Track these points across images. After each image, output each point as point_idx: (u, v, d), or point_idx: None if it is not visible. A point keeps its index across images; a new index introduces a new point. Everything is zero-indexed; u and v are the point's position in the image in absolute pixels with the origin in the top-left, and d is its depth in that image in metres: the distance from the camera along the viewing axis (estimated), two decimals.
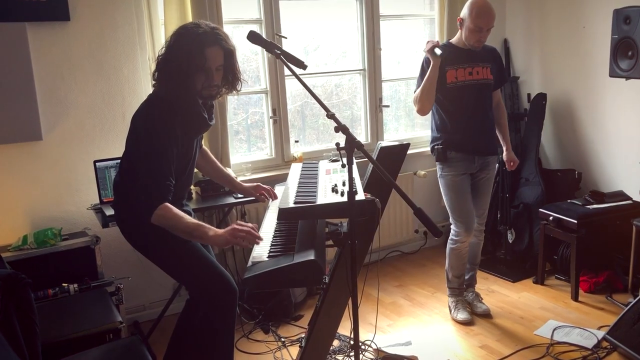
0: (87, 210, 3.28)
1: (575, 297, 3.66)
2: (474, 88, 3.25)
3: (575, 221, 3.57)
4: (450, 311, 3.52)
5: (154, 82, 2.33)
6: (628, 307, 2.92)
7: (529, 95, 4.58)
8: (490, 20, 3.15)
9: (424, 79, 3.21)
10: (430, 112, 3.34)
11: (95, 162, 3.19)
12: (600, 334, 3.11)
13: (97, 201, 3.24)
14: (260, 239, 2.19)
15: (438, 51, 3.12)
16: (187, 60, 2.21)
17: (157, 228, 2.24)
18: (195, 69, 2.23)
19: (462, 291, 3.56)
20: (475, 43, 3.20)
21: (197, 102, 2.35)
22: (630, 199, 3.80)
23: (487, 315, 3.48)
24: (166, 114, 2.25)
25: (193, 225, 2.23)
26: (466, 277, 3.58)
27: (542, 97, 4.36)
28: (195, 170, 2.67)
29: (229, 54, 2.32)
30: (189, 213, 2.52)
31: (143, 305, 3.62)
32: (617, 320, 2.91)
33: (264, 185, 2.81)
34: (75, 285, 2.92)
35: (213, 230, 2.23)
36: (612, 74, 3.63)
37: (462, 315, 3.44)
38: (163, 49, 2.30)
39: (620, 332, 2.87)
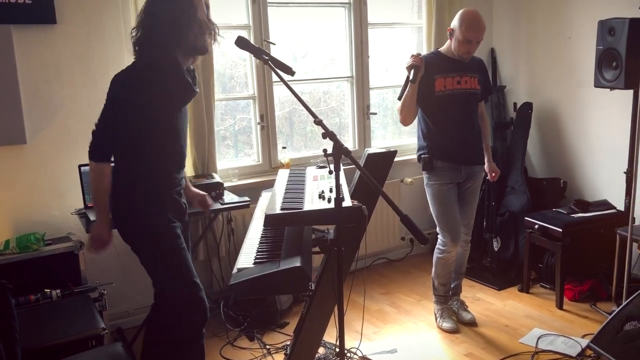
0: (72, 215, 3.25)
1: (560, 306, 3.68)
2: (461, 97, 3.25)
3: (560, 230, 3.60)
4: (436, 319, 3.52)
5: (135, 52, 2.36)
6: (612, 315, 2.94)
7: (515, 104, 4.62)
8: (480, 34, 3.16)
9: (405, 94, 3.22)
10: (417, 120, 3.35)
11: (80, 166, 3.16)
12: (584, 342, 3.13)
13: (82, 206, 3.20)
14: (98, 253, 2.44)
15: (412, 76, 3.13)
16: (180, 14, 2.26)
17: (160, 221, 2.35)
18: (188, 22, 2.28)
19: (447, 299, 3.55)
20: (464, 54, 3.21)
21: (182, 67, 2.36)
22: (615, 208, 3.84)
23: (472, 324, 3.49)
24: (148, 81, 2.27)
25: (101, 200, 2.35)
26: (452, 286, 3.57)
27: (528, 106, 4.40)
28: None
29: (207, 5, 2.43)
30: (183, 205, 2.54)
31: (127, 311, 3.58)
32: (601, 328, 2.92)
33: (209, 201, 2.85)
34: (58, 291, 2.89)
35: (102, 222, 2.37)
36: (597, 85, 3.68)
37: (447, 324, 3.43)
38: (141, 19, 2.32)
39: (603, 341, 2.88)
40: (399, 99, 3.30)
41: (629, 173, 3.67)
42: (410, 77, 3.14)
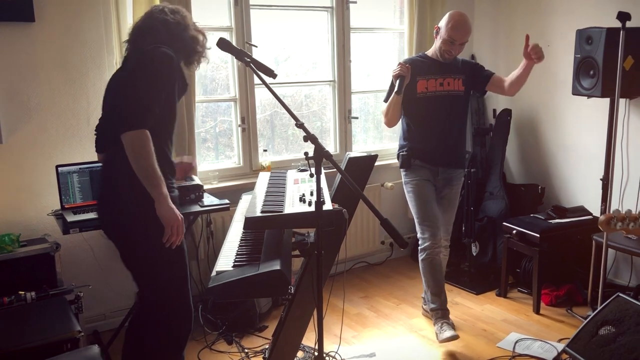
0: (48, 216, 3.19)
1: (536, 310, 3.72)
2: (443, 99, 3.27)
3: (538, 235, 3.64)
4: (437, 335, 3.28)
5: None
6: (587, 320, 2.98)
7: (494, 110, 4.67)
8: (465, 35, 3.19)
9: (390, 99, 3.25)
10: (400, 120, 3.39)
11: (57, 167, 3.11)
12: (560, 346, 3.17)
13: (59, 207, 3.15)
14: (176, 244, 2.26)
15: (397, 87, 3.13)
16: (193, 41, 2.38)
17: (158, 222, 2.20)
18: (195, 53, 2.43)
19: (446, 313, 3.33)
20: (445, 53, 3.23)
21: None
22: (591, 214, 3.90)
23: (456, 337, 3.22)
24: (174, 64, 2.29)
25: (156, 173, 2.16)
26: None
27: (507, 113, 4.45)
28: None
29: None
30: (174, 190, 2.43)
31: (104, 314, 3.54)
32: (577, 333, 2.96)
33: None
34: (33, 293, 2.84)
35: (167, 196, 2.19)
36: (575, 92, 3.74)
37: (448, 333, 3.19)
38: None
39: (579, 345, 2.92)
40: (385, 101, 3.34)
41: (605, 180, 3.73)
42: (396, 88, 3.14)
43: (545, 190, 4.32)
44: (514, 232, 3.78)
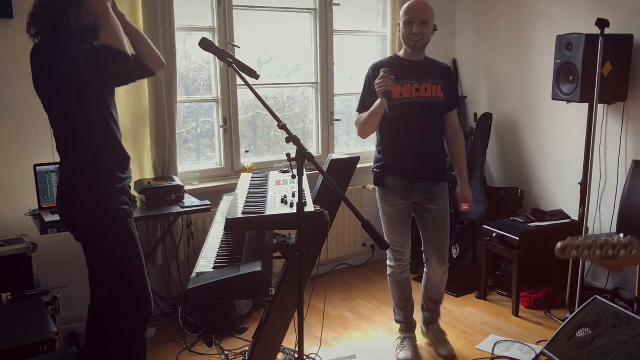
0: (25, 216, 3.14)
1: (516, 313, 3.75)
2: (420, 107, 2.92)
3: (517, 238, 3.67)
4: (395, 349, 3.25)
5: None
6: (565, 322, 3.01)
7: (475, 114, 4.71)
8: (420, 11, 2.85)
9: (369, 113, 2.91)
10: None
11: (35, 166, 3.07)
12: (539, 348, 3.20)
13: (37, 207, 3.11)
14: None
15: (387, 108, 2.79)
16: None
17: (117, 220, 2.30)
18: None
19: (409, 327, 3.28)
20: (410, 39, 2.87)
21: None
22: (569, 218, 3.94)
23: (451, 357, 3.19)
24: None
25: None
26: (426, 315, 3.32)
27: (488, 117, 4.49)
28: (140, 178, 2.64)
29: None
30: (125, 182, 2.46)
31: (82, 315, 3.48)
32: (555, 335, 2.99)
33: None
34: (9, 294, 2.79)
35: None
36: (555, 97, 3.78)
37: (403, 354, 3.16)
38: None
39: (557, 347, 2.95)
40: (358, 111, 3.04)
41: (583, 184, 3.78)
42: (387, 109, 2.78)
43: (525, 194, 4.37)
44: (494, 235, 3.81)
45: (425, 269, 3.22)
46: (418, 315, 3.37)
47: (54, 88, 2.28)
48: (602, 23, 3.27)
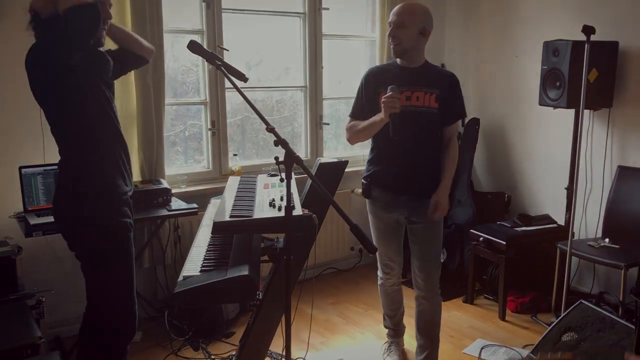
0: (10, 219, 3.11)
1: (502, 317, 3.77)
2: (410, 116, 2.70)
3: (504, 242, 3.69)
4: (382, 353, 3.27)
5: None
6: (551, 326, 3.03)
7: (463, 119, 4.73)
8: (396, 15, 2.71)
9: (366, 124, 2.77)
10: None
11: (20, 168, 3.04)
12: (525, 352, 3.21)
13: (22, 209, 3.07)
14: None
15: (392, 131, 2.63)
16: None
17: (118, 234, 2.25)
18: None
19: (398, 333, 3.27)
20: (392, 43, 2.75)
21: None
22: (556, 222, 3.97)
23: None
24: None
25: None
26: (417, 344, 3.08)
27: (475, 122, 4.51)
28: None
29: None
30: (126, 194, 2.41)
31: (67, 319, 3.45)
32: (541, 339, 3.01)
33: None
34: None
35: None
36: (542, 103, 3.81)
37: (390, 359, 3.19)
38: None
39: (543, 351, 2.97)
40: (351, 115, 2.90)
41: (569, 189, 3.81)
42: (391, 132, 2.63)
43: (512, 199, 4.40)
44: (481, 239, 3.83)
45: (415, 294, 3.00)
46: (407, 320, 3.36)
47: (54, 90, 2.24)
48: (588, 30, 3.30)
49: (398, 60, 2.83)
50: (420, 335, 3.01)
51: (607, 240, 3.58)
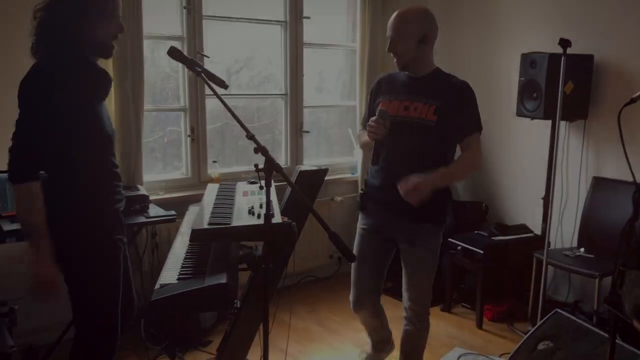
0: None
1: (479, 325, 3.79)
2: (406, 128, 2.46)
3: (482, 251, 3.72)
4: None
5: (39, 51, 2.11)
6: (527, 335, 3.06)
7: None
8: (393, 28, 2.50)
9: (362, 142, 2.70)
10: None
11: None
12: None
13: None
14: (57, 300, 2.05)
15: (372, 157, 2.52)
16: (85, 6, 2.06)
17: (104, 243, 2.12)
18: (109, 17, 2.11)
19: (380, 349, 3.04)
20: (395, 58, 2.56)
21: (94, 60, 2.19)
22: (532, 232, 4.02)
23: None
24: (66, 81, 2.04)
25: (40, 227, 1.98)
26: None
27: None
28: None
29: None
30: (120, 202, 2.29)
31: (41, 327, 3.38)
32: (517, 348, 3.03)
33: None
34: None
35: (45, 256, 2.00)
36: (519, 114, 3.87)
37: None
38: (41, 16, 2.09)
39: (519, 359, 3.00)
40: (362, 124, 2.77)
41: (545, 199, 3.86)
42: (371, 160, 2.53)
43: (489, 208, 4.44)
44: (459, 248, 3.86)
45: (403, 317, 2.80)
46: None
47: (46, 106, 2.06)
48: (564, 43, 3.36)
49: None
50: (401, 354, 2.86)
51: (582, 249, 3.63)
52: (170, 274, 2.10)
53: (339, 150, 4.81)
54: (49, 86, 2.00)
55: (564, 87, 3.45)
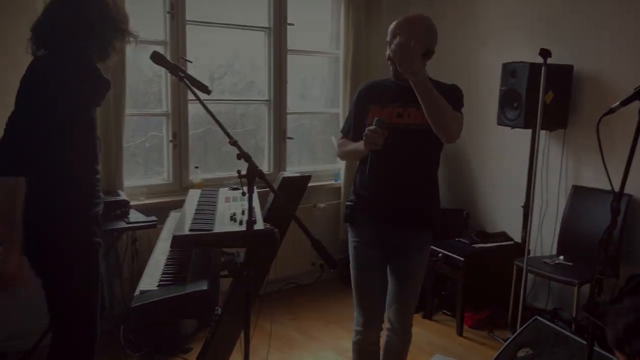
0: None
1: (460, 332, 3.81)
2: (401, 134, 2.38)
3: (462, 259, 3.74)
4: None
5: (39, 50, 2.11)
6: (507, 342, 3.08)
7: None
8: (398, 26, 2.35)
9: (349, 149, 2.52)
10: None
11: None
12: None
13: None
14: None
15: (369, 165, 2.31)
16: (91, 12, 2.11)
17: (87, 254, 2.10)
18: (121, 32, 2.19)
19: None
20: (392, 67, 2.44)
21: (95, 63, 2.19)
22: (512, 240, 4.05)
23: None
24: (73, 80, 2.06)
25: (16, 223, 1.95)
26: None
27: None
28: None
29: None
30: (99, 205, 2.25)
31: (15, 334, 3.32)
32: (497, 355, 3.05)
33: None
34: None
35: (15, 251, 1.97)
36: (500, 123, 3.91)
37: None
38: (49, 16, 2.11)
39: None
40: (342, 132, 2.62)
41: (525, 207, 3.90)
42: (367, 170, 2.32)
43: (470, 216, 4.47)
44: (440, 255, 3.88)
45: (386, 328, 2.68)
46: None
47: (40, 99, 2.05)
48: (545, 53, 3.41)
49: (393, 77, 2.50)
50: None
51: (561, 257, 3.67)
52: (150, 280, 2.08)
53: (322, 157, 4.82)
54: (54, 86, 2.01)
55: (544, 97, 3.50)
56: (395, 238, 2.49)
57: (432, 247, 3.93)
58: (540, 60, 3.45)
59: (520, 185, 4.02)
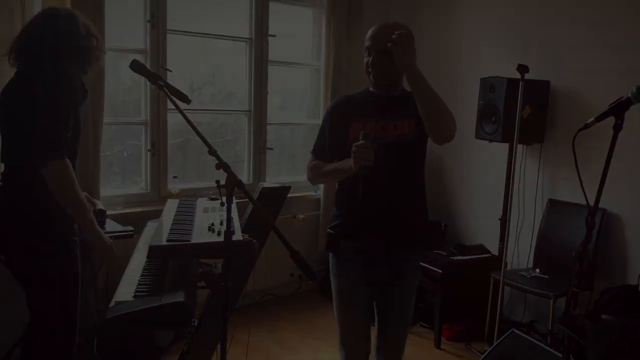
0: None
1: (437, 345, 3.82)
2: (388, 149, 2.19)
3: (440, 271, 3.76)
4: None
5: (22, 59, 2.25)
6: (484, 355, 3.09)
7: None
8: (379, 39, 2.19)
9: (331, 169, 2.28)
10: None
11: None
12: None
13: None
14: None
15: (361, 187, 2.08)
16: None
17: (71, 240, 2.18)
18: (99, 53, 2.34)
19: None
20: (368, 73, 2.29)
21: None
22: (489, 252, 4.09)
23: None
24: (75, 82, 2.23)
25: (82, 201, 2.19)
26: None
27: None
28: None
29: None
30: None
31: None
32: None
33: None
34: None
35: (94, 221, 2.24)
36: (478, 137, 3.96)
37: None
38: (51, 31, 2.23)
39: None
40: (313, 152, 2.39)
41: (502, 220, 3.94)
42: (360, 192, 2.08)
43: (448, 228, 4.50)
44: None
45: (376, 346, 2.52)
46: None
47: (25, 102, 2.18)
48: (522, 69, 3.47)
49: (371, 87, 2.35)
50: None
51: (537, 270, 3.71)
52: (126, 291, 2.06)
53: (302, 168, 4.78)
54: (72, 90, 2.19)
55: (521, 111, 3.55)
56: (387, 263, 2.29)
57: None
58: (517, 75, 3.50)
59: (498, 198, 4.06)
